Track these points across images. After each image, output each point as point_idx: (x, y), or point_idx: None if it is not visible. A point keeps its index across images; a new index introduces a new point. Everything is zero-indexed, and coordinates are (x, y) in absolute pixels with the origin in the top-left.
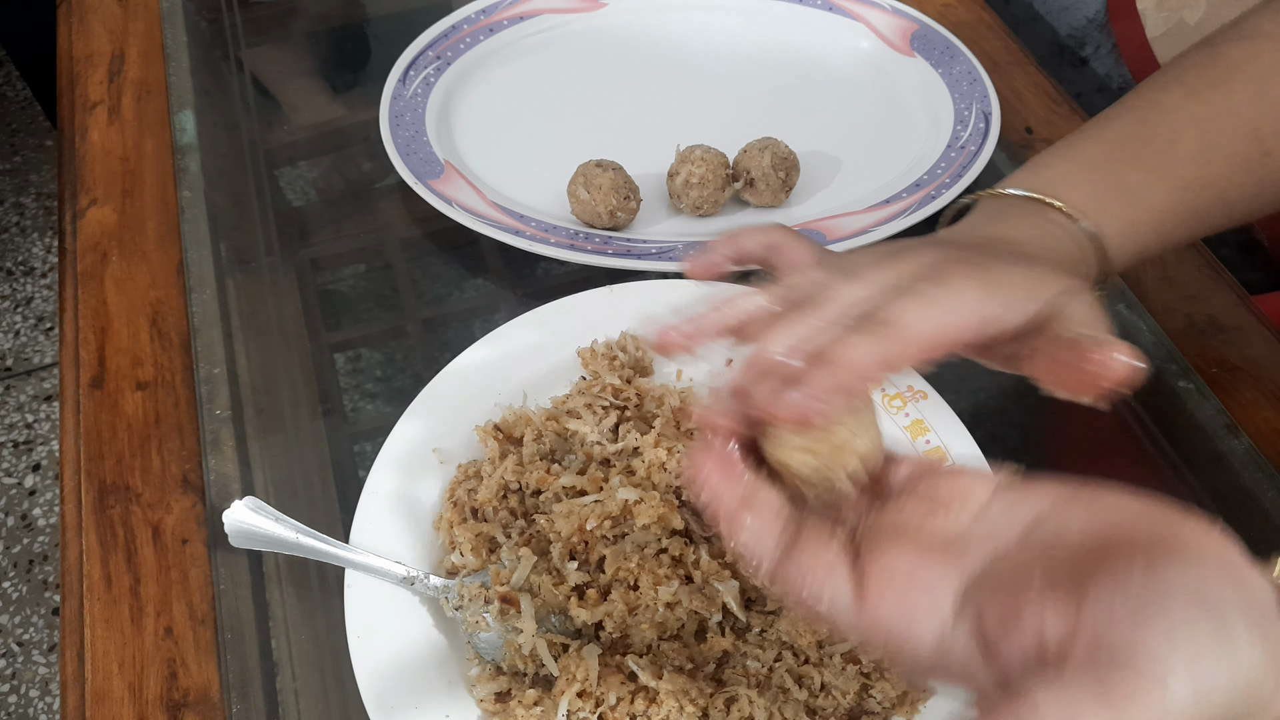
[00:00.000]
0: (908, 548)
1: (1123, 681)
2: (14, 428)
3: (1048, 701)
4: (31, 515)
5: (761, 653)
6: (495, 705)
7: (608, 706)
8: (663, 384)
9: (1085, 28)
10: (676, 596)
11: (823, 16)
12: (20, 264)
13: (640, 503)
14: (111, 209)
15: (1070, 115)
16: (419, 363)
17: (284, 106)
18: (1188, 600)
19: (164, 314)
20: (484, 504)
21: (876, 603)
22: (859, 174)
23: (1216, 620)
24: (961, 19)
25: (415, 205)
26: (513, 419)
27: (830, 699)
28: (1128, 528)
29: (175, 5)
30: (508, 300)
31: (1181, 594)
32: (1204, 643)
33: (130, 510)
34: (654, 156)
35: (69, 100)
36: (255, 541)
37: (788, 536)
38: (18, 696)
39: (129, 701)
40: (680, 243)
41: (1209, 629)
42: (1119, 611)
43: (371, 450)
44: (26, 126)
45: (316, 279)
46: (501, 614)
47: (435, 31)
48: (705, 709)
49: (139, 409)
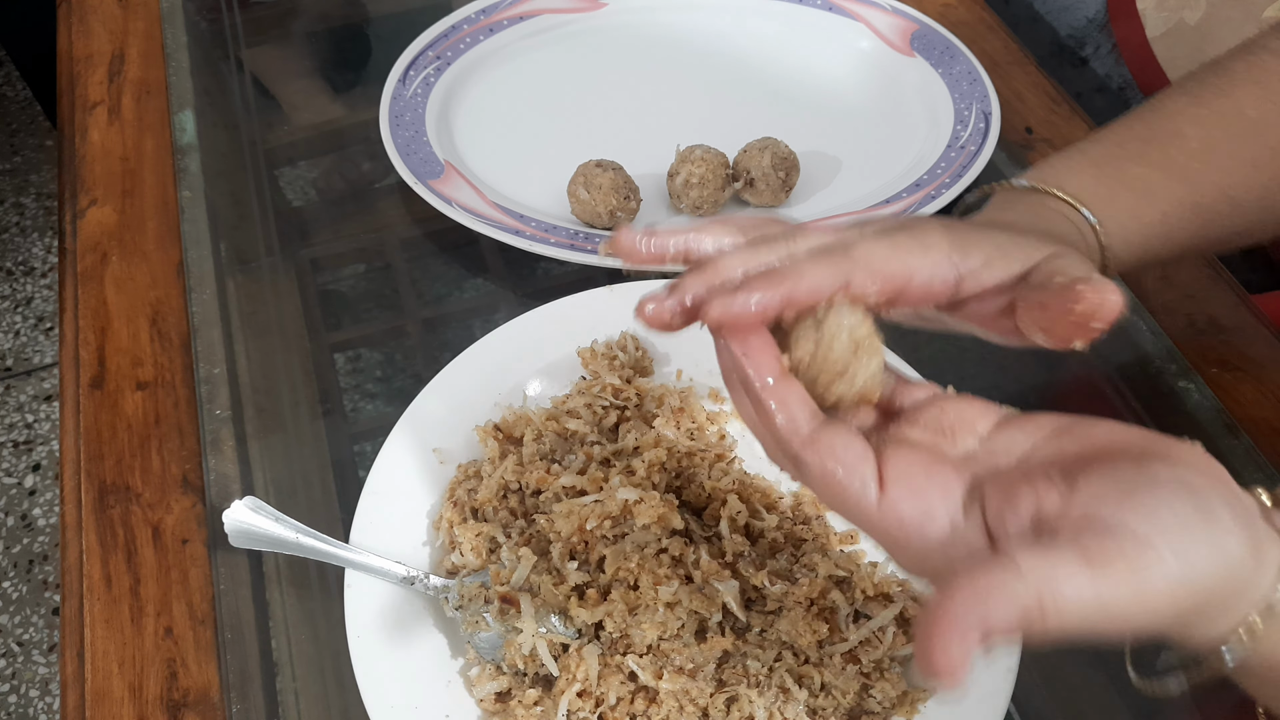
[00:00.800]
0: (922, 454)
1: (1105, 546)
2: (14, 428)
3: (1028, 561)
4: (31, 515)
5: (761, 653)
6: (495, 705)
7: (608, 706)
8: (663, 384)
9: (1085, 28)
10: (676, 596)
11: (823, 16)
12: (20, 264)
13: (640, 503)
14: (111, 209)
15: (1070, 115)
16: (419, 363)
17: (284, 106)
18: (1174, 486)
19: (164, 314)
20: (484, 504)
21: (895, 496)
22: (859, 174)
23: (1200, 504)
24: (961, 19)
25: (415, 205)
26: (513, 419)
27: (830, 699)
28: (1120, 443)
29: (175, 5)
30: (508, 300)
31: (1169, 481)
32: (1189, 523)
33: (130, 510)
34: (654, 156)
35: (69, 100)
36: (255, 541)
37: (819, 418)
38: (18, 696)
39: (129, 701)
40: None
41: (1193, 509)
42: (1109, 491)
43: (371, 450)
44: (26, 126)
45: (316, 279)
46: (501, 614)
47: (435, 31)
48: (705, 709)
49: (139, 409)
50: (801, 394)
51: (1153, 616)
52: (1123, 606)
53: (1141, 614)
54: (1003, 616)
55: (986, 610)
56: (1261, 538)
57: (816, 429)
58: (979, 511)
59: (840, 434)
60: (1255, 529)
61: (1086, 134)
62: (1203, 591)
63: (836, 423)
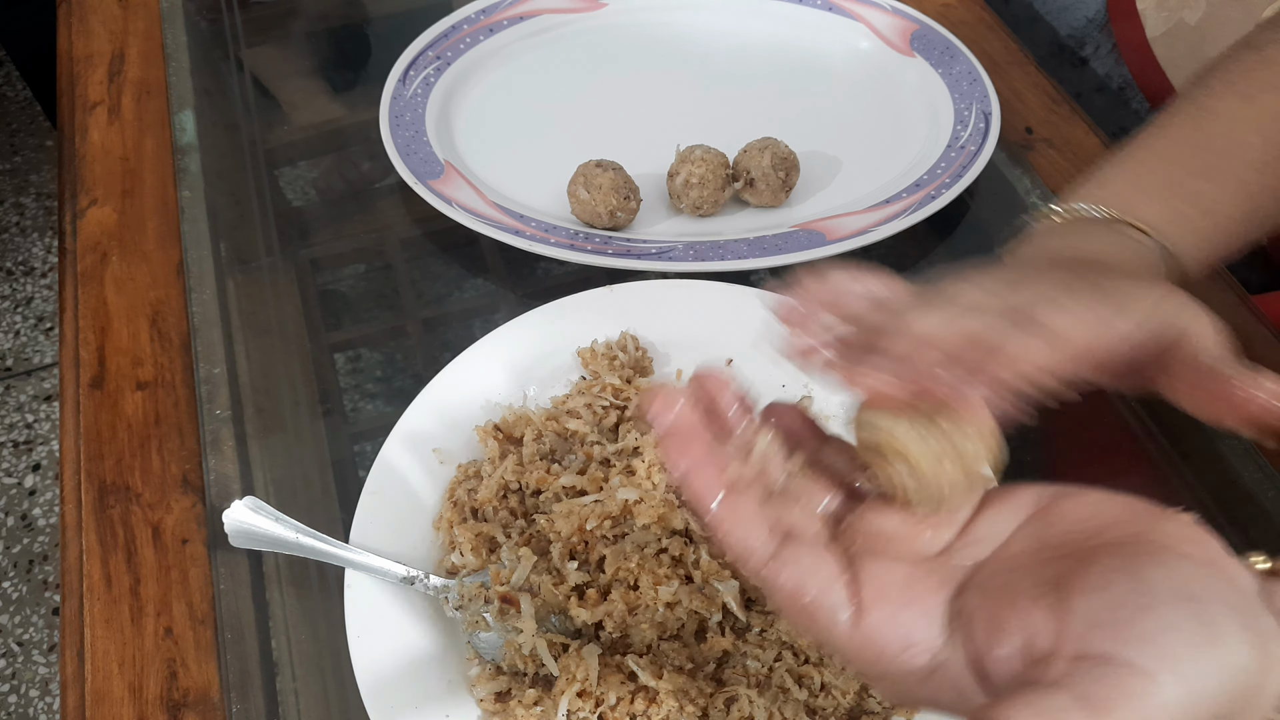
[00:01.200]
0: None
1: (1107, 686)
2: (14, 428)
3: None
4: (31, 515)
5: (761, 653)
6: (495, 705)
7: (608, 706)
8: (663, 384)
9: (1085, 28)
10: (676, 596)
11: (823, 16)
12: (20, 264)
13: (640, 503)
14: (111, 209)
15: (1070, 115)
16: (419, 363)
17: (284, 106)
18: (1173, 601)
19: (164, 314)
20: (484, 504)
21: (874, 622)
22: (859, 174)
23: (1203, 620)
24: (961, 19)
25: (415, 205)
26: (513, 419)
27: (830, 699)
28: (1110, 529)
29: (175, 5)
30: (508, 300)
31: (1166, 595)
32: (1191, 643)
33: (130, 510)
34: (654, 156)
35: (69, 100)
36: (255, 541)
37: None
38: (18, 696)
39: (129, 701)
40: (680, 243)
41: (1196, 628)
42: (1104, 616)
43: (371, 450)
44: (26, 126)
45: (316, 279)
46: (501, 614)
47: (435, 31)
48: (705, 709)
49: (139, 409)
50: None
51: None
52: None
53: None
54: None
55: None
56: (1268, 637)
57: (777, 550)
58: (962, 630)
59: (805, 553)
60: (1260, 628)
61: (1101, 145)
62: (1212, 709)
63: (799, 542)
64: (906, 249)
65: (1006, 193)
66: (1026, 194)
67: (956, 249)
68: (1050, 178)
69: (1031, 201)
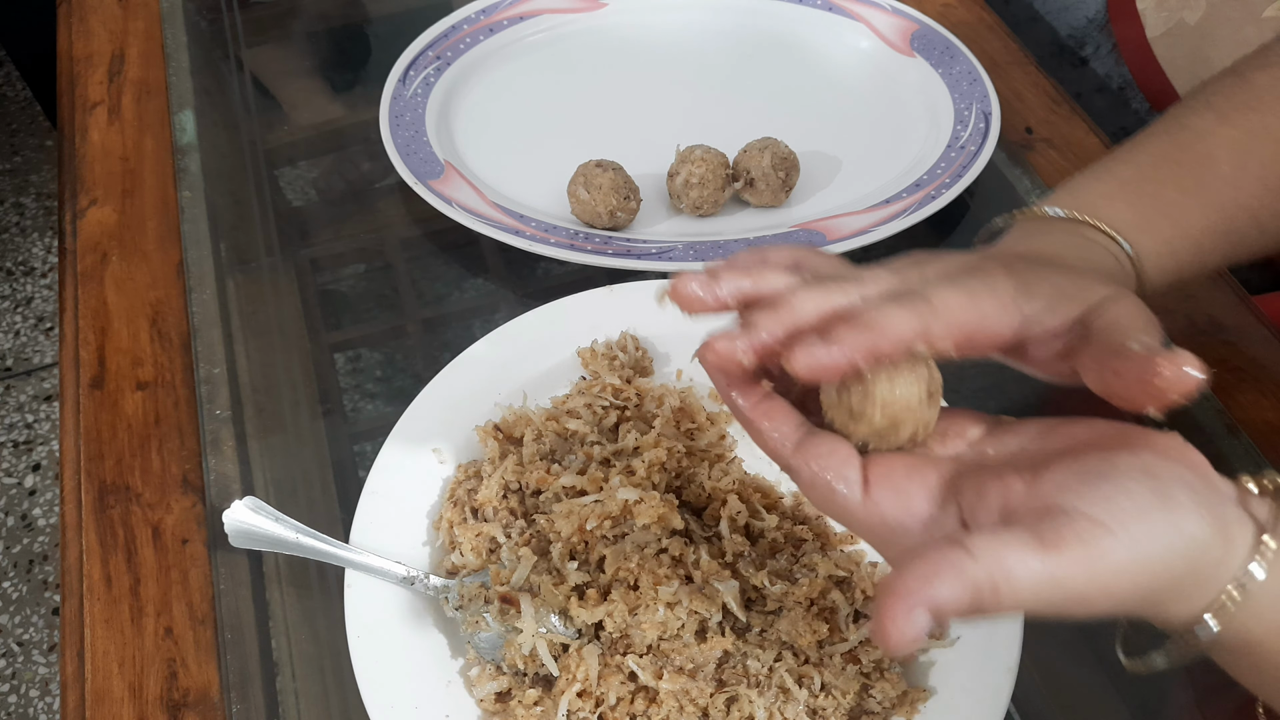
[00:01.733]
0: (905, 455)
1: (1061, 529)
2: (14, 428)
3: (981, 542)
4: (31, 515)
5: (761, 653)
6: (495, 705)
7: (608, 706)
8: (663, 384)
9: (1085, 28)
10: (676, 596)
11: (823, 16)
12: (20, 264)
13: (640, 503)
14: (111, 209)
15: (1070, 115)
16: (419, 363)
17: (284, 106)
18: (1135, 474)
19: (164, 314)
20: (484, 504)
21: (878, 495)
22: (859, 174)
23: (1160, 493)
24: (961, 19)
25: (415, 205)
26: (513, 419)
27: (830, 699)
28: (1103, 439)
29: (175, 5)
30: (508, 300)
31: (1129, 469)
32: (1144, 507)
33: (130, 510)
34: (654, 156)
35: (69, 100)
36: (255, 541)
37: (805, 429)
38: (18, 696)
39: (129, 701)
40: (680, 243)
41: (1150, 494)
42: (1070, 480)
43: (371, 450)
44: (26, 126)
45: (316, 279)
46: (501, 614)
47: (435, 31)
48: (705, 709)
49: (139, 409)
50: (785, 408)
51: (1110, 596)
52: (1077, 586)
53: (1098, 594)
54: (952, 594)
55: (935, 588)
56: (1230, 521)
57: (803, 438)
58: (955, 505)
59: (826, 441)
60: (1222, 513)
61: (1101, 145)
62: (1162, 573)
63: (822, 432)
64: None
65: (1006, 193)
66: (1026, 194)
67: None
68: (1050, 178)
69: (1031, 202)
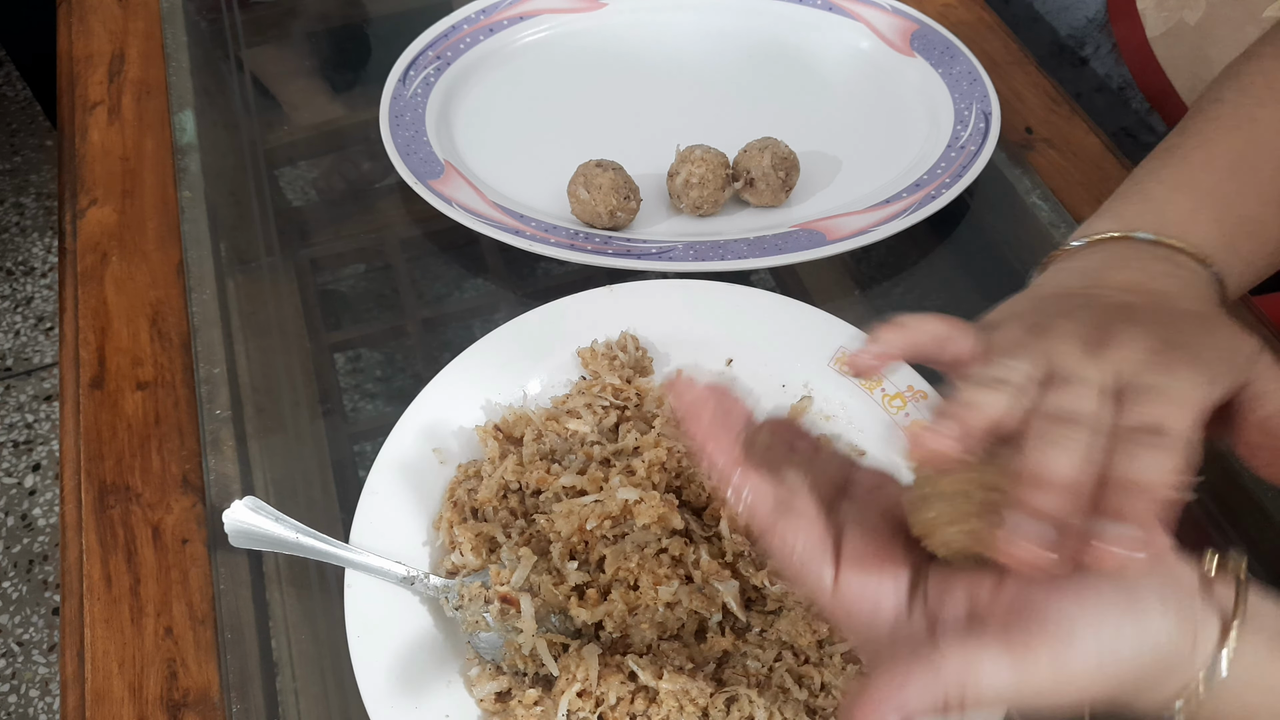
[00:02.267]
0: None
1: (1027, 634)
2: (14, 428)
3: (951, 650)
4: (31, 515)
5: (761, 653)
6: (495, 705)
7: (608, 706)
8: (663, 384)
9: (1085, 28)
10: (676, 596)
11: (823, 16)
12: (20, 264)
13: (640, 503)
14: (111, 209)
15: (1070, 115)
16: (419, 363)
17: (284, 106)
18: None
19: (164, 314)
20: (484, 504)
21: (847, 585)
22: (859, 174)
23: (1129, 592)
24: (961, 19)
25: (415, 205)
26: (513, 419)
27: (830, 699)
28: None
29: (175, 5)
30: (508, 300)
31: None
32: (1114, 609)
33: (130, 510)
34: (654, 156)
35: (69, 100)
36: (255, 541)
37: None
38: (18, 696)
39: (129, 701)
40: (680, 243)
41: (1120, 597)
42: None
43: (371, 450)
44: (26, 126)
45: (316, 279)
46: (501, 614)
47: (435, 31)
48: (705, 709)
49: (139, 409)
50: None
51: (1077, 695)
52: (1044, 688)
53: (1063, 694)
54: (921, 701)
55: (905, 696)
56: (1197, 619)
57: (777, 518)
58: (922, 599)
59: (801, 526)
60: (1188, 611)
61: (1101, 145)
62: (1129, 673)
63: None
64: (906, 249)
65: (1006, 193)
66: (1026, 194)
67: (956, 249)
68: (1050, 178)
69: (1032, 202)
